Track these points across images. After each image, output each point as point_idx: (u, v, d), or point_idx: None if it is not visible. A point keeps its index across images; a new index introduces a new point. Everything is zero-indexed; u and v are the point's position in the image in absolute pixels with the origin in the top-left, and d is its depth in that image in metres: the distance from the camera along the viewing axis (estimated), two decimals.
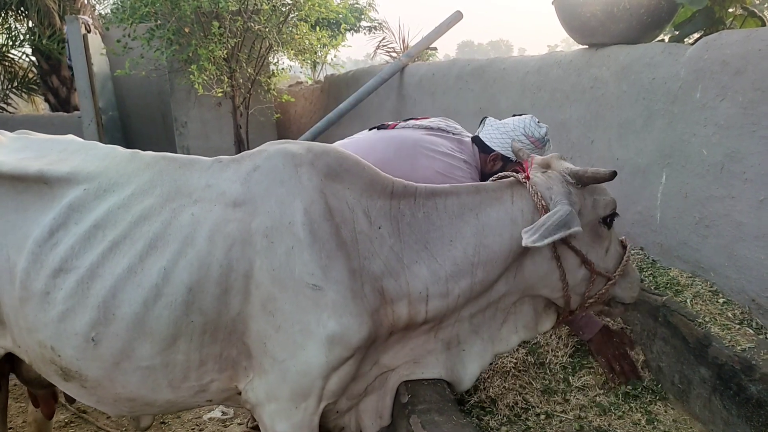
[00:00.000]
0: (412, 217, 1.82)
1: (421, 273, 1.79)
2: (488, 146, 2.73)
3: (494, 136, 2.73)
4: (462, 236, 1.83)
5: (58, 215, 1.74)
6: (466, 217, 1.86)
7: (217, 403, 1.95)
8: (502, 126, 2.74)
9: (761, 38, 2.22)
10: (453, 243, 1.83)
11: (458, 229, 1.84)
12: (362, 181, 1.81)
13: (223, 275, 1.66)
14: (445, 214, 1.85)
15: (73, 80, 9.04)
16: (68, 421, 3.22)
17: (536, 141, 2.66)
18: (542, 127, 2.70)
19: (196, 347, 1.70)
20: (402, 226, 1.81)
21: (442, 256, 1.81)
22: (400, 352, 1.93)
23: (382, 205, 1.81)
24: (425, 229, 1.83)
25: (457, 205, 1.87)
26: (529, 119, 2.72)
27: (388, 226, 1.79)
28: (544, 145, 2.69)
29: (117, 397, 1.79)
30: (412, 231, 1.81)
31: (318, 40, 7.61)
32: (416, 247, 1.80)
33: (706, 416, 2.13)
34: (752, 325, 2.18)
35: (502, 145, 2.69)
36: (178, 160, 1.84)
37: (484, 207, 1.88)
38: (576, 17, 3.36)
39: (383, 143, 2.76)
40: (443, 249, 1.82)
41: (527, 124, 2.69)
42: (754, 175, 2.23)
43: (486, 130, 2.77)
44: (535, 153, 2.59)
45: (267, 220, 1.68)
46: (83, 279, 1.67)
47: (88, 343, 1.68)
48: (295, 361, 1.69)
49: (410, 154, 2.67)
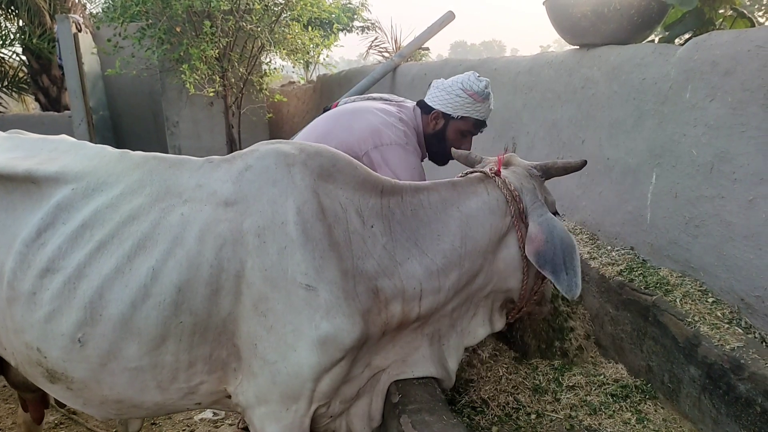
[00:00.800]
0: (401, 215, 1.84)
1: (414, 269, 1.80)
2: (430, 106, 2.76)
3: (435, 95, 2.76)
4: (448, 229, 1.88)
5: (46, 215, 1.72)
6: (449, 211, 1.90)
7: (206, 406, 1.93)
8: (441, 84, 2.77)
9: (750, 39, 2.23)
10: (441, 237, 1.86)
11: (444, 223, 1.88)
12: (354, 180, 1.80)
13: (214, 275, 1.64)
14: (431, 210, 1.89)
15: (63, 80, 9.00)
16: (58, 423, 3.20)
17: (474, 94, 2.66)
18: (482, 81, 2.69)
19: (185, 348, 1.68)
20: (393, 224, 1.82)
21: (433, 251, 1.84)
22: (390, 351, 1.93)
23: (374, 204, 1.81)
24: (414, 226, 1.85)
25: (439, 201, 1.91)
26: (469, 74, 2.73)
27: (380, 225, 1.79)
28: (485, 98, 2.69)
29: (104, 399, 1.77)
30: (402, 229, 1.83)
31: (310, 39, 7.61)
32: (407, 244, 1.82)
33: (696, 415, 2.14)
34: (741, 324, 2.19)
35: (442, 103, 2.72)
36: (168, 160, 1.83)
37: (463, 200, 1.94)
38: (567, 18, 3.36)
39: (323, 120, 2.82)
40: (432, 244, 1.85)
41: (465, 79, 2.70)
42: (744, 175, 2.24)
43: (429, 92, 2.81)
44: (477, 106, 2.69)
45: (259, 219, 1.67)
46: (70, 279, 1.65)
47: (74, 344, 1.66)
48: (286, 363, 1.68)
49: (348, 119, 2.72)
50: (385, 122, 2.66)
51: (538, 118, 3.95)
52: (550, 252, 1.83)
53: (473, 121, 2.73)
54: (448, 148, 2.79)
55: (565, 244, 1.84)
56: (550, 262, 1.82)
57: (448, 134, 2.77)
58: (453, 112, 2.70)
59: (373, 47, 10.86)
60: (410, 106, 2.88)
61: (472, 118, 2.72)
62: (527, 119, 4.11)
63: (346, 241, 1.73)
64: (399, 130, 2.66)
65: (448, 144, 2.77)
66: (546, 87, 3.82)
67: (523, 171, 2.03)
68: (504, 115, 4.38)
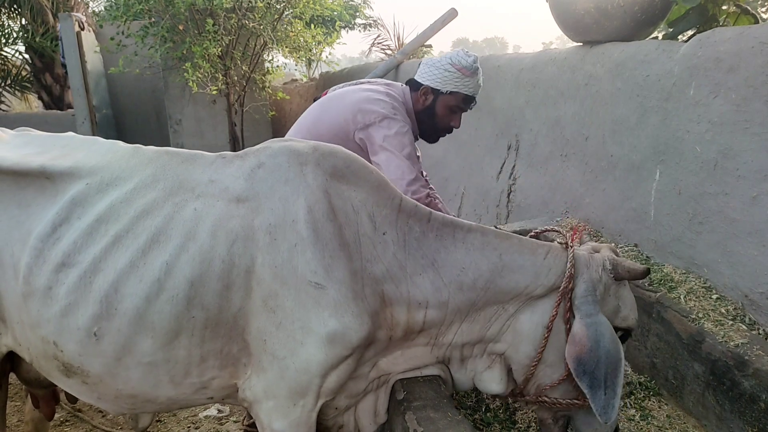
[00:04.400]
0: (421, 234, 1.79)
1: (424, 285, 1.77)
2: (419, 83, 2.76)
3: (423, 71, 2.76)
4: (477, 268, 1.78)
5: (61, 210, 1.73)
6: (486, 253, 1.80)
7: (218, 400, 1.94)
8: (430, 61, 2.77)
9: (754, 35, 2.23)
10: (465, 271, 1.78)
11: (474, 260, 1.79)
12: (369, 185, 1.79)
13: (225, 270, 1.65)
14: (462, 244, 1.80)
15: (66, 78, 9.01)
16: (63, 420, 3.21)
17: (463, 69, 2.65)
18: (470, 56, 2.69)
19: (197, 343, 1.69)
20: (409, 239, 1.78)
21: (449, 277, 1.77)
22: (399, 359, 1.92)
23: (388, 214, 1.78)
24: (435, 248, 1.79)
25: (479, 241, 1.81)
26: (459, 50, 2.74)
27: (393, 235, 1.77)
28: (473, 72, 2.67)
29: (118, 393, 1.78)
30: (420, 246, 1.78)
31: (313, 37, 7.60)
32: (422, 261, 1.77)
33: (700, 411, 2.15)
34: (745, 320, 2.19)
35: (431, 78, 2.71)
36: (180, 155, 1.83)
37: (511, 252, 1.81)
38: (570, 15, 3.36)
39: (313, 108, 2.83)
40: (452, 272, 1.78)
41: (454, 55, 2.70)
42: (747, 171, 2.24)
43: (418, 70, 2.81)
44: (466, 81, 2.67)
45: (270, 217, 1.67)
46: (86, 273, 1.66)
47: (90, 337, 1.67)
48: (294, 359, 1.68)
49: (336, 104, 2.73)
50: (369, 98, 2.67)
51: (541, 115, 3.95)
52: (592, 362, 1.67)
53: (462, 96, 2.72)
54: (439, 124, 2.81)
55: (611, 358, 1.67)
56: (590, 375, 1.66)
57: (437, 110, 2.77)
58: (442, 87, 2.69)
59: (375, 45, 10.87)
60: (399, 84, 2.89)
61: (461, 93, 2.70)
62: (530, 116, 4.10)
63: (356, 243, 1.72)
64: (386, 102, 2.66)
65: (438, 120, 2.79)
66: (549, 84, 3.82)
67: (598, 259, 1.82)
68: (507, 112, 4.38)
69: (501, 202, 4.41)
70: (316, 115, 2.76)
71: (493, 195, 4.50)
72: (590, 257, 1.83)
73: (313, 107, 2.86)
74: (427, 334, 1.86)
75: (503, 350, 1.88)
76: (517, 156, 4.32)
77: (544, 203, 3.86)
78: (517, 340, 1.85)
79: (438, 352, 1.93)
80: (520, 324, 1.84)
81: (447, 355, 1.94)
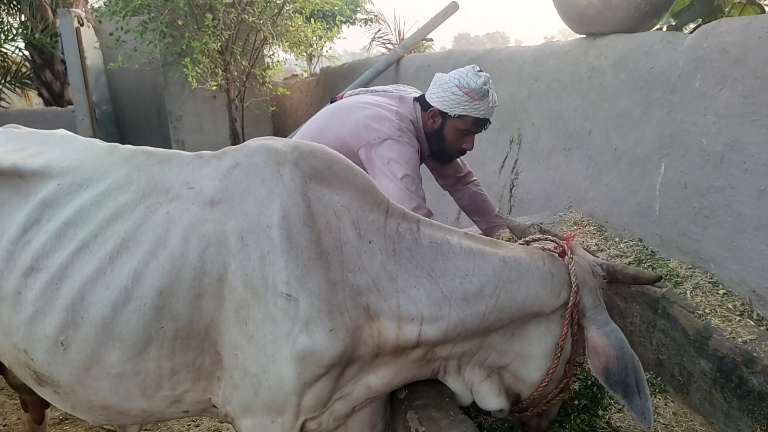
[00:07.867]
0: (414, 242, 1.67)
1: (419, 298, 1.63)
2: (428, 103, 2.65)
3: (433, 92, 2.64)
4: (482, 273, 1.67)
5: (32, 211, 1.65)
6: (488, 257, 1.70)
7: (195, 415, 1.84)
8: (440, 79, 2.63)
9: (761, 26, 2.19)
10: (468, 277, 1.66)
11: (477, 265, 1.68)
12: (352, 188, 1.66)
13: (196, 278, 1.55)
14: (460, 250, 1.70)
15: (66, 74, 8.99)
16: (63, 418, 3.19)
17: (471, 92, 2.50)
18: (480, 77, 2.53)
19: (167, 355, 1.60)
20: (400, 248, 1.65)
21: (449, 287, 1.65)
22: (394, 378, 1.76)
23: (375, 220, 1.66)
24: (431, 257, 1.67)
25: (474, 249, 1.72)
26: (468, 69, 2.56)
27: (381, 243, 1.64)
28: (482, 96, 2.52)
29: (91, 404, 1.70)
30: (413, 255, 1.65)
31: (313, 32, 7.57)
32: (416, 272, 1.64)
33: (707, 409, 2.12)
34: (753, 316, 2.16)
35: (439, 100, 2.59)
36: (157, 155, 1.73)
37: (510, 253, 1.74)
38: (573, 6, 3.32)
39: (323, 113, 2.76)
40: (453, 281, 1.66)
41: (462, 75, 2.54)
42: (755, 164, 2.21)
43: (430, 88, 2.69)
44: (475, 105, 2.53)
45: (243, 221, 1.56)
46: (53, 279, 1.58)
47: (57, 347, 1.59)
48: (266, 376, 1.57)
49: (344, 114, 2.65)
50: (376, 116, 2.58)
51: (543, 108, 3.91)
52: (620, 371, 1.62)
53: (472, 119, 2.59)
54: (449, 148, 2.70)
55: (634, 362, 1.64)
56: (622, 383, 1.61)
57: (446, 133, 2.65)
58: (449, 110, 2.57)
59: (376, 39, 10.86)
60: (410, 98, 2.79)
61: (471, 116, 2.58)
62: (533, 110, 4.07)
63: (337, 252, 1.59)
64: (392, 122, 2.56)
65: (448, 144, 2.68)
66: (552, 77, 3.77)
67: (586, 265, 1.79)
68: (509, 106, 4.34)
69: (503, 197, 4.38)
70: (325, 123, 2.70)
71: (495, 189, 4.46)
72: (577, 263, 1.78)
73: (324, 113, 2.78)
74: (424, 351, 1.73)
75: (506, 363, 1.82)
76: (520, 150, 4.28)
77: (547, 198, 3.82)
78: (524, 358, 1.79)
79: (434, 366, 1.83)
80: (526, 338, 1.78)
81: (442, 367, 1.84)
